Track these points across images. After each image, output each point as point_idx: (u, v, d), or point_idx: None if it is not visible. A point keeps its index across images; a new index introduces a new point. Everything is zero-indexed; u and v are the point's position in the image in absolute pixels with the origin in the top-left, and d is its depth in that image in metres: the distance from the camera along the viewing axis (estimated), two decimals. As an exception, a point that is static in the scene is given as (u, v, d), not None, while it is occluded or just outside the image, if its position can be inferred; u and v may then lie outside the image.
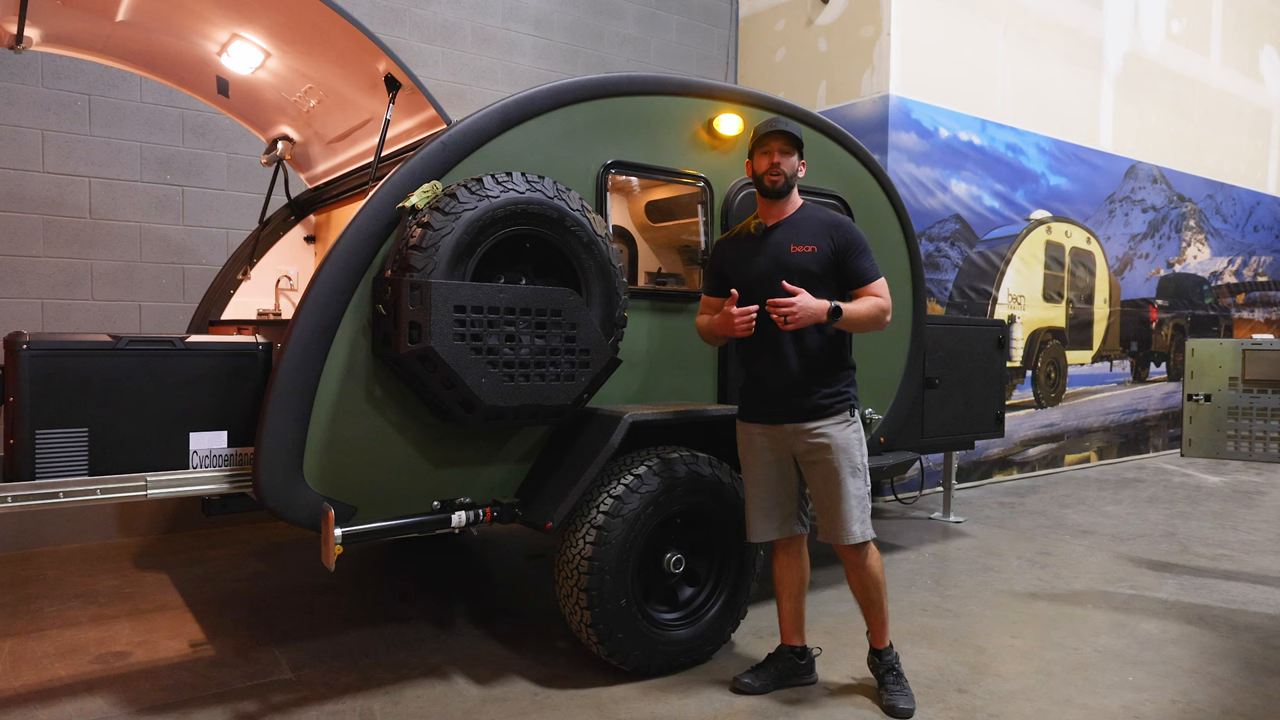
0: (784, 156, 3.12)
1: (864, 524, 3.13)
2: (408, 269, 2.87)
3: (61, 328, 5.16)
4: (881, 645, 3.27)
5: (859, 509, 3.12)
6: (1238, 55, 10.33)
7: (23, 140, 5.08)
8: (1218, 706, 3.22)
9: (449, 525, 3.15)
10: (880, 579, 3.23)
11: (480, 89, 6.66)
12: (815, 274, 3.09)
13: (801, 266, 3.09)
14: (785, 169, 3.12)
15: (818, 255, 3.10)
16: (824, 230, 3.14)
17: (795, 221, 3.18)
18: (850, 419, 3.14)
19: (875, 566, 3.20)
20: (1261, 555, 5.39)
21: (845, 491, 3.10)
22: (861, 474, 3.15)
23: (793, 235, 3.14)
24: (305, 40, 3.65)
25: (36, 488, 2.69)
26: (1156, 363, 9.71)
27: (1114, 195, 8.91)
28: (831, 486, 3.11)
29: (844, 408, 3.14)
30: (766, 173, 3.13)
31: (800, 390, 3.12)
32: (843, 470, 3.10)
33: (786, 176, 3.13)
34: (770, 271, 3.12)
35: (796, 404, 3.13)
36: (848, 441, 3.11)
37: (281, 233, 4.84)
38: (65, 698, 3.17)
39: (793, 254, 3.11)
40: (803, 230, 3.15)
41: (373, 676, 3.38)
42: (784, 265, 3.11)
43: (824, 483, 3.13)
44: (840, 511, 3.10)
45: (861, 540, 3.12)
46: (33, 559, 4.95)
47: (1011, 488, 7.60)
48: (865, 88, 7.00)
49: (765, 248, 3.18)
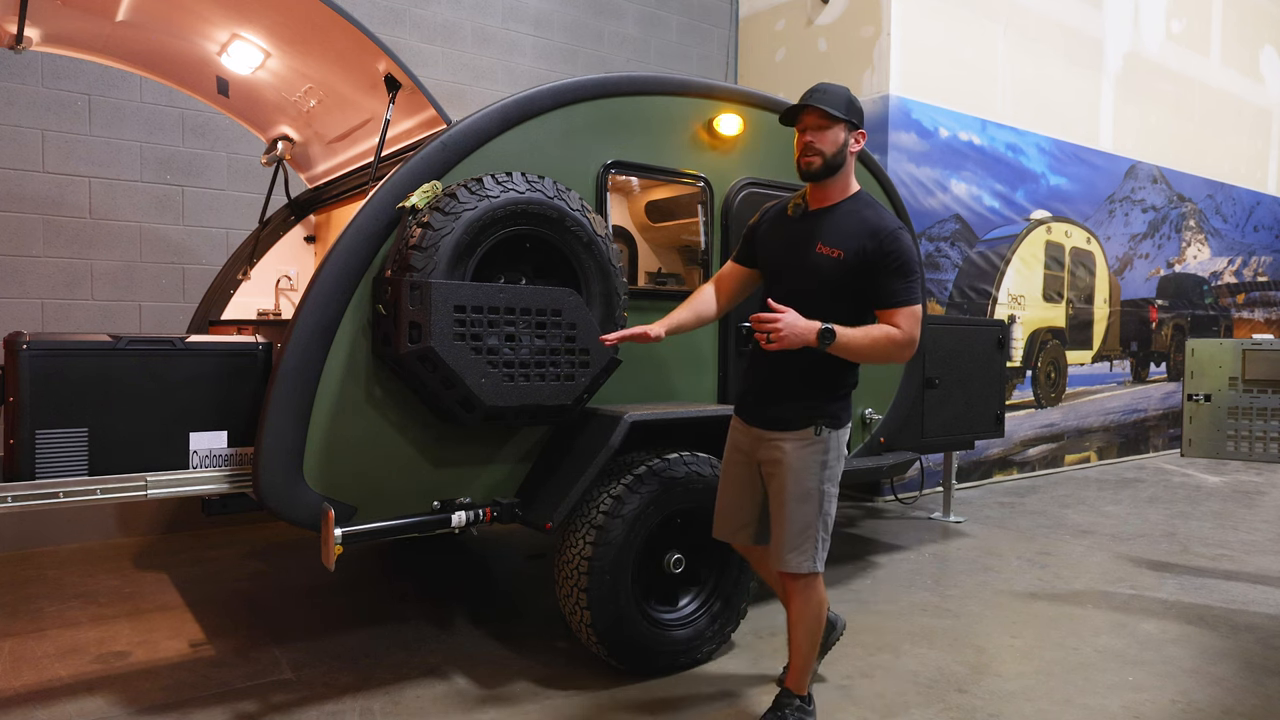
0: (818, 132, 2.69)
1: (802, 553, 2.74)
2: (408, 269, 2.87)
3: (61, 328, 5.16)
4: (794, 688, 2.90)
5: (799, 537, 2.74)
6: (1238, 55, 10.33)
7: (23, 140, 5.08)
8: (1218, 706, 3.22)
9: (449, 525, 3.15)
10: (814, 623, 2.85)
11: (480, 89, 6.66)
12: (832, 282, 2.70)
13: (817, 268, 2.72)
14: (822, 145, 2.68)
15: (842, 262, 2.69)
16: (863, 233, 2.69)
17: (835, 214, 2.76)
18: (814, 438, 2.75)
19: (812, 605, 2.83)
20: (1261, 555, 5.39)
21: (786, 514, 2.75)
22: (813, 500, 2.75)
23: (825, 231, 2.74)
24: (305, 40, 3.65)
25: (36, 488, 2.69)
26: (1156, 363, 9.70)
27: (1114, 195, 8.91)
28: (775, 506, 2.80)
29: (809, 424, 2.75)
30: (801, 154, 2.72)
31: (770, 396, 2.83)
32: (788, 491, 2.75)
33: (826, 156, 2.69)
34: (789, 263, 2.80)
35: (764, 409, 2.85)
36: (803, 463, 2.74)
37: (281, 233, 4.84)
38: (65, 698, 3.17)
39: (816, 253, 2.72)
40: (838, 228, 2.73)
41: (373, 676, 3.38)
42: (802, 261, 2.75)
43: (773, 499, 2.82)
44: (779, 535, 2.78)
45: (795, 571, 2.76)
46: (33, 559, 4.95)
47: (1011, 488, 7.60)
48: (865, 88, 7.00)
49: (794, 234, 2.80)
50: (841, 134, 2.70)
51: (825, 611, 2.91)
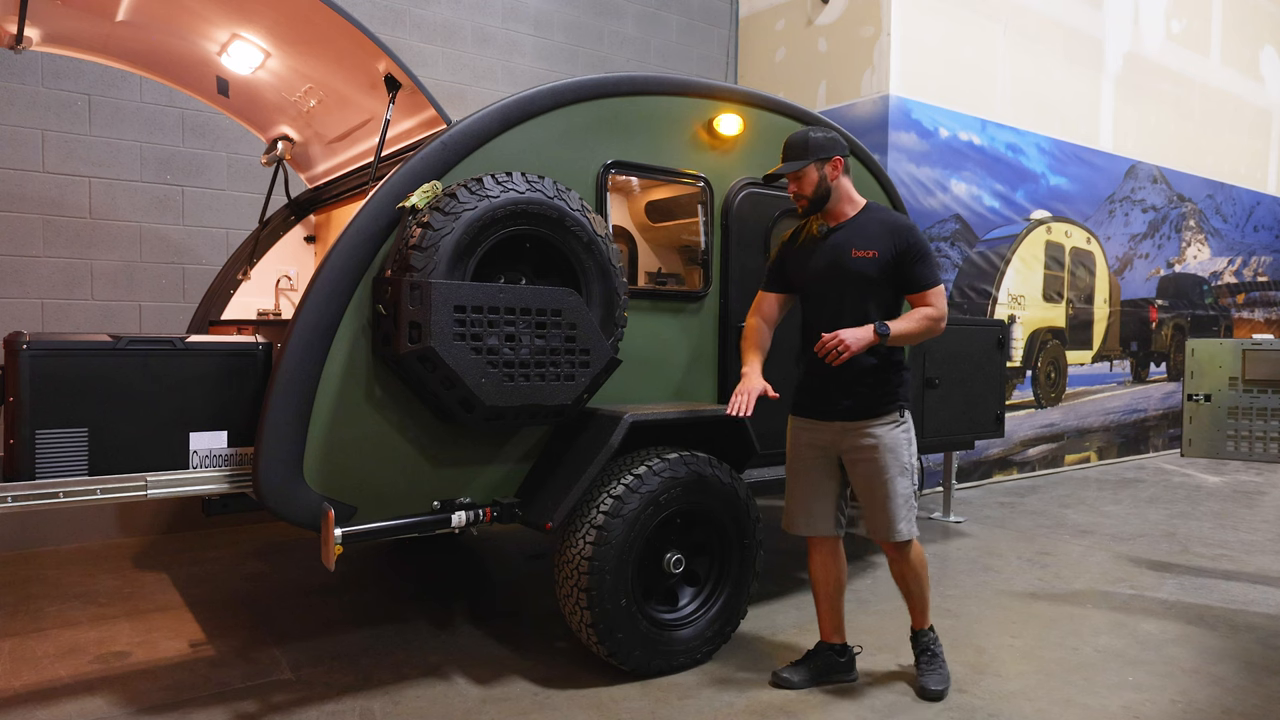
0: (794, 183, 3.18)
1: (909, 522, 3.19)
2: (408, 269, 2.87)
3: (61, 328, 5.16)
4: (920, 627, 3.39)
5: (905, 508, 3.17)
6: (1238, 55, 10.33)
7: (23, 140, 5.08)
8: (1218, 706, 3.22)
9: (449, 525, 3.15)
10: (921, 571, 3.32)
11: (480, 89, 6.66)
12: (874, 278, 3.12)
13: (860, 271, 3.12)
14: (803, 189, 3.17)
15: (878, 260, 3.11)
16: (887, 233, 3.13)
17: (858, 224, 3.19)
18: (900, 419, 3.18)
19: (917, 561, 3.30)
20: (1261, 555, 5.39)
21: (892, 491, 3.14)
22: (909, 473, 3.18)
23: (855, 238, 3.15)
24: (305, 40, 3.65)
25: (36, 488, 2.69)
26: (1156, 363, 9.70)
27: (1114, 195, 8.91)
28: (878, 486, 3.15)
29: (893, 408, 3.16)
30: (794, 200, 3.24)
31: (849, 390, 3.15)
32: (890, 470, 3.14)
33: (808, 196, 3.17)
34: (829, 273, 3.16)
35: (845, 403, 3.16)
36: (896, 442, 3.15)
37: (281, 233, 4.84)
38: (65, 698, 3.17)
39: (853, 258, 3.12)
40: (865, 233, 3.15)
41: (373, 676, 3.38)
42: (843, 268, 3.14)
43: (871, 482, 3.16)
44: (887, 511, 3.16)
45: (906, 539, 3.20)
46: (33, 559, 4.95)
47: (1011, 488, 7.60)
48: (865, 88, 7.00)
49: (826, 248, 3.20)
50: (814, 174, 3.16)
51: (925, 557, 3.37)
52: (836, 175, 3.16)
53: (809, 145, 3.15)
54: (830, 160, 3.15)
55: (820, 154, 3.14)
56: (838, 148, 3.17)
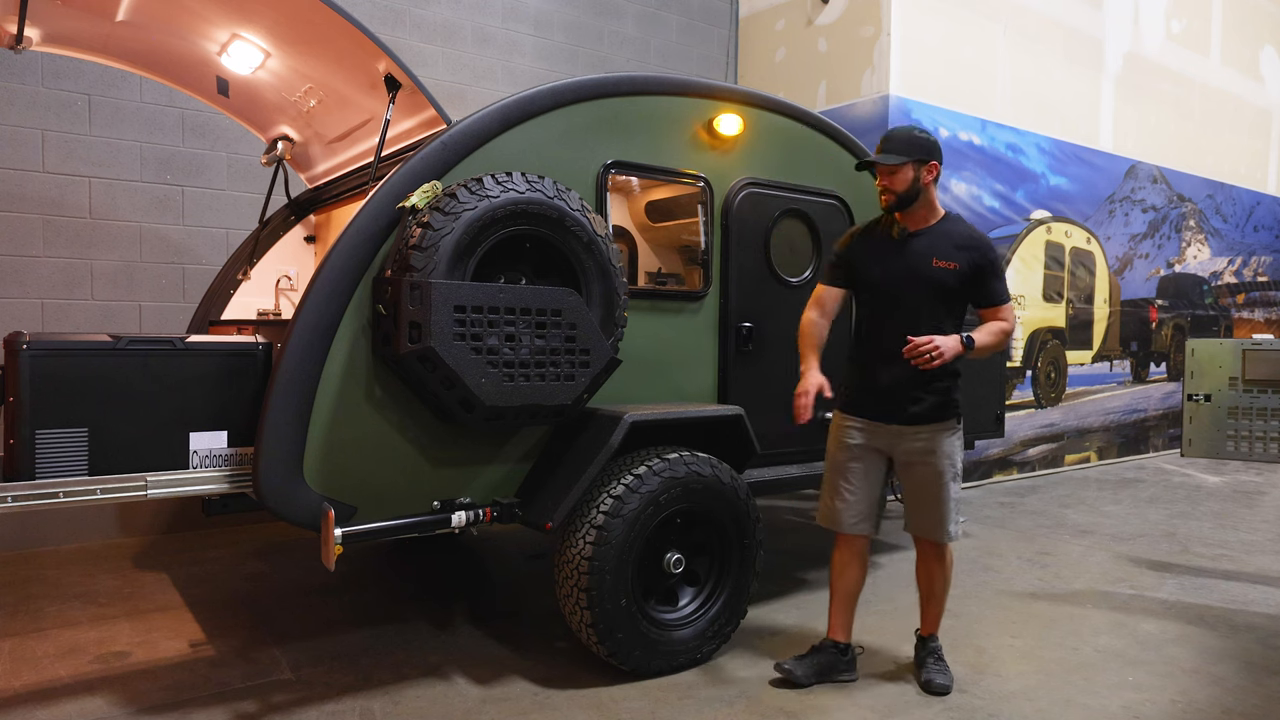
0: (888, 177, 3.14)
1: (954, 524, 3.28)
2: (408, 269, 2.87)
3: (61, 328, 5.16)
4: (931, 632, 3.45)
5: (954, 512, 3.26)
6: (1238, 55, 10.33)
7: (23, 140, 5.08)
8: (1218, 706, 3.22)
9: (449, 525, 3.15)
10: (950, 575, 3.40)
11: (480, 89, 6.66)
12: (953, 289, 3.15)
13: (940, 281, 3.13)
14: (893, 186, 3.13)
15: (958, 272, 3.14)
16: (967, 246, 3.16)
17: (939, 233, 3.19)
18: (956, 427, 3.25)
19: (949, 564, 3.38)
20: (1261, 555, 5.39)
21: (946, 495, 3.22)
22: (959, 479, 3.27)
23: (937, 248, 3.16)
24: (305, 40, 3.65)
25: (36, 488, 2.69)
26: (1156, 363, 9.70)
27: (1114, 195, 8.91)
28: (934, 489, 3.22)
29: (951, 415, 3.23)
30: (881, 194, 3.19)
31: (912, 395, 3.18)
32: (946, 475, 3.21)
33: (897, 193, 3.13)
34: (908, 279, 3.16)
35: (907, 408, 3.19)
36: (953, 448, 3.23)
37: (281, 233, 4.84)
38: (65, 698, 3.17)
39: (934, 267, 3.13)
40: (946, 244, 3.17)
41: (373, 676, 3.38)
42: (924, 276, 3.14)
43: (928, 485, 3.23)
44: (938, 513, 3.24)
45: (949, 540, 3.29)
46: (33, 559, 4.95)
47: (1011, 488, 7.60)
48: (865, 88, 7.00)
49: (906, 254, 3.19)
50: (910, 172, 3.11)
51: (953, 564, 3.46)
52: (930, 180, 3.15)
53: (912, 143, 3.12)
54: (928, 164, 3.13)
55: (920, 154, 3.11)
56: (937, 153, 3.17)
